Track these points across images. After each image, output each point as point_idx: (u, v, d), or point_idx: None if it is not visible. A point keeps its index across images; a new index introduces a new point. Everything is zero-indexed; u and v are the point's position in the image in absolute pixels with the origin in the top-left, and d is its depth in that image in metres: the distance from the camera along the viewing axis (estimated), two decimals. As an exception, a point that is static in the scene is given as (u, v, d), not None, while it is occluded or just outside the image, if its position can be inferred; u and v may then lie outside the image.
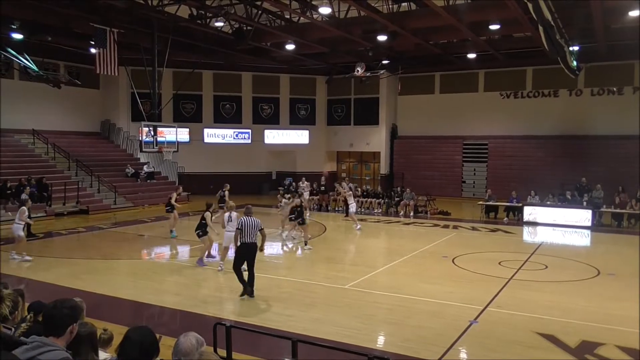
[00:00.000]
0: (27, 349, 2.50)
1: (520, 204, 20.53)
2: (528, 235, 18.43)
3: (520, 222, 20.11)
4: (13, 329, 3.06)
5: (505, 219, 20.73)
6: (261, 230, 9.63)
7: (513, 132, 27.93)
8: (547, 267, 12.49)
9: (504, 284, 10.68)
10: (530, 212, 19.98)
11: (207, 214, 12.42)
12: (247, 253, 9.54)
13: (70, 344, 2.82)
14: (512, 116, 27.84)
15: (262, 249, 9.91)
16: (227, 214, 11.68)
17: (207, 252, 12.80)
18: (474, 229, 18.68)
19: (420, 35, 21.62)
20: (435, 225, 19.44)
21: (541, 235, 18.00)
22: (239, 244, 9.61)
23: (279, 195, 18.77)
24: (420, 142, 30.51)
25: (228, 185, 18.26)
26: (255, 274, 9.64)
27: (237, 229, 9.67)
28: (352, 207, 18.90)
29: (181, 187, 20.82)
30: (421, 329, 8.01)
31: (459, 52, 25.93)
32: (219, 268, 11.65)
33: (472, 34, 20.86)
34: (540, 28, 13.06)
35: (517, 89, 28.15)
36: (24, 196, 14.93)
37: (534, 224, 19.55)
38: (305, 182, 23.19)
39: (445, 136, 29.76)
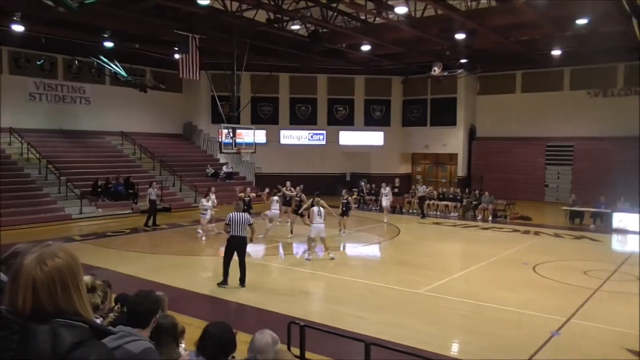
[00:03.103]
0: (114, 337, 2.64)
1: (609, 210, 19.26)
2: (617, 243, 17.29)
3: (608, 229, 18.85)
4: (102, 318, 3.26)
5: (592, 225, 19.48)
6: (250, 224, 10.50)
7: (601, 132, 26.18)
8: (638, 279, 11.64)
9: (589, 294, 10.05)
10: (620, 219, 18.69)
11: (303, 196, 16.50)
12: (235, 246, 10.29)
13: (152, 335, 2.96)
14: (600, 116, 26.14)
15: (251, 240, 10.72)
16: (315, 209, 13.15)
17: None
18: (557, 235, 17.76)
19: (500, 33, 20.81)
20: (515, 230, 18.68)
21: (632, 245, 16.78)
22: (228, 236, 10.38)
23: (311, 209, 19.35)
24: (500, 144, 29.37)
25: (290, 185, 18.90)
26: (326, 275, 9.69)
27: (226, 223, 10.40)
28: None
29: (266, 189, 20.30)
30: (499, 338, 7.72)
31: (542, 49, 24.70)
32: (306, 256, 13.07)
33: (557, 29, 19.84)
34: (635, 21, 12.23)
35: (607, 86, 26.46)
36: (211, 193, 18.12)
37: (624, 231, 18.27)
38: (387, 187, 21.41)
39: (527, 137, 28.48)
